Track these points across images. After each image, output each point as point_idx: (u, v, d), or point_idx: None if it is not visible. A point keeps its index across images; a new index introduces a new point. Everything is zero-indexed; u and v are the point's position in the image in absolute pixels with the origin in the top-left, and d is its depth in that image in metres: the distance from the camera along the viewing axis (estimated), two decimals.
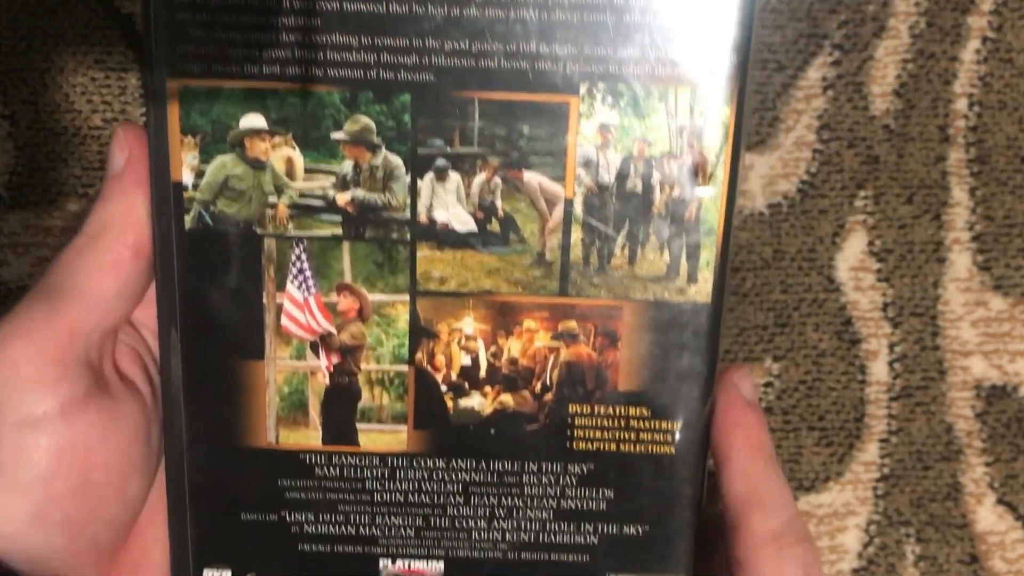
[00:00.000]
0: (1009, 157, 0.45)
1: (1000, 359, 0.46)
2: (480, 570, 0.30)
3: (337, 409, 0.29)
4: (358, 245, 0.27)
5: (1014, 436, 0.46)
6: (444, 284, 0.28)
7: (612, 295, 0.28)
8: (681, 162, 0.27)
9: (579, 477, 0.29)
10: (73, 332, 0.26)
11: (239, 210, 0.27)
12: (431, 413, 0.29)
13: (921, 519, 0.46)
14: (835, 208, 0.45)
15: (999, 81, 0.45)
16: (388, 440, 0.29)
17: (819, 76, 0.44)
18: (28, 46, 0.43)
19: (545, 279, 0.28)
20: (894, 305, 0.46)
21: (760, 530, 0.26)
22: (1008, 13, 0.44)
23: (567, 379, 0.28)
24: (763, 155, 0.45)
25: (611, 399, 0.28)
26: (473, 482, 0.29)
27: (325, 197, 0.27)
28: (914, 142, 0.45)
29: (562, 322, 0.28)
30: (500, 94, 0.26)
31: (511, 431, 0.29)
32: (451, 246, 0.28)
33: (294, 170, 0.27)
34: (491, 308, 0.28)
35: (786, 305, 0.45)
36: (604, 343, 0.28)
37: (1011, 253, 0.45)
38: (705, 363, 0.28)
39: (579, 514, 0.29)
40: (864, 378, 0.46)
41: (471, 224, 0.27)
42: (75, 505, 0.26)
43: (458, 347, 0.28)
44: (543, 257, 0.28)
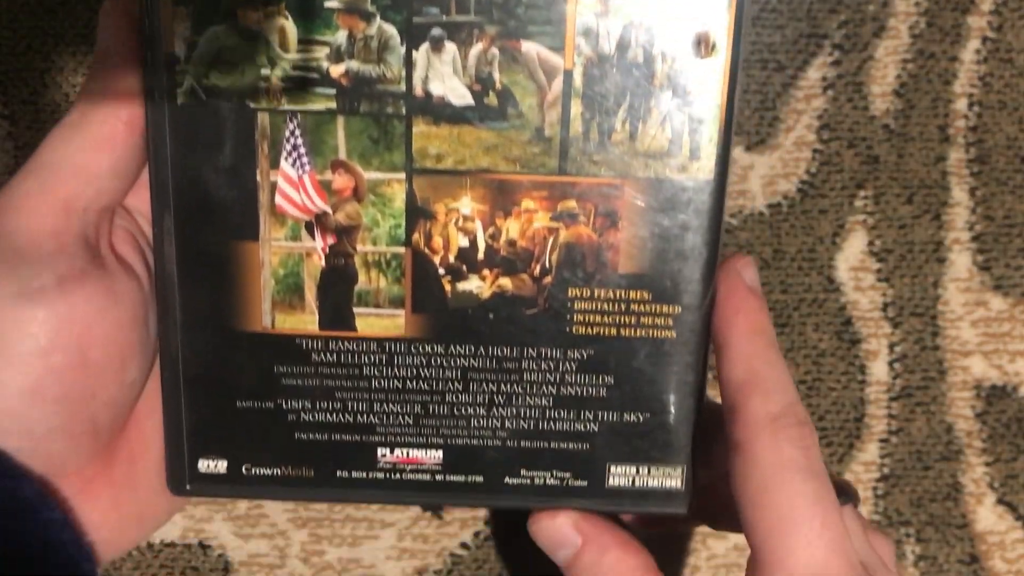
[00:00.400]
0: (1009, 157, 0.45)
1: (1000, 359, 0.46)
2: (479, 459, 0.29)
3: (333, 292, 0.28)
4: (353, 120, 0.27)
5: (1014, 436, 0.46)
6: (441, 161, 0.27)
7: (613, 173, 0.27)
8: (684, 32, 0.26)
9: (579, 363, 0.29)
10: (68, 207, 0.25)
11: (232, 83, 0.26)
12: (429, 297, 0.28)
13: (921, 519, 0.46)
14: (835, 208, 0.45)
15: (999, 81, 0.45)
16: (386, 324, 0.28)
17: (819, 76, 0.44)
18: (28, 46, 0.43)
19: (544, 156, 0.27)
20: (894, 305, 0.46)
21: (759, 412, 0.26)
22: (1008, 13, 0.44)
23: (567, 261, 0.28)
24: (763, 155, 0.45)
25: (611, 282, 0.28)
26: (472, 368, 0.29)
27: (319, 69, 0.27)
28: (914, 142, 0.45)
29: (561, 202, 0.27)
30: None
31: (510, 315, 0.28)
32: (447, 121, 0.27)
33: (287, 41, 0.26)
34: (489, 187, 0.27)
35: (786, 305, 0.45)
36: (604, 224, 0.27)
37: (1011, 253, 0.45)
38: (707, 244, 0.27)
39: (579, 401, 0.29)
40: (864, 378, 0.46)
41: (468, 97, 0.27)
42: (73, 381, 0.26)
43: (455, 228, 0.28)
44: (542, 132, 0.27)
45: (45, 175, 0.26)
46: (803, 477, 0.25)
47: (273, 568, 0.45)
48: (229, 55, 0.27)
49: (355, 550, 0.45)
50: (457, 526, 0.45)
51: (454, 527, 0.45)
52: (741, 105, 0.44)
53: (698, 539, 0.46)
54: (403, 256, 0.28)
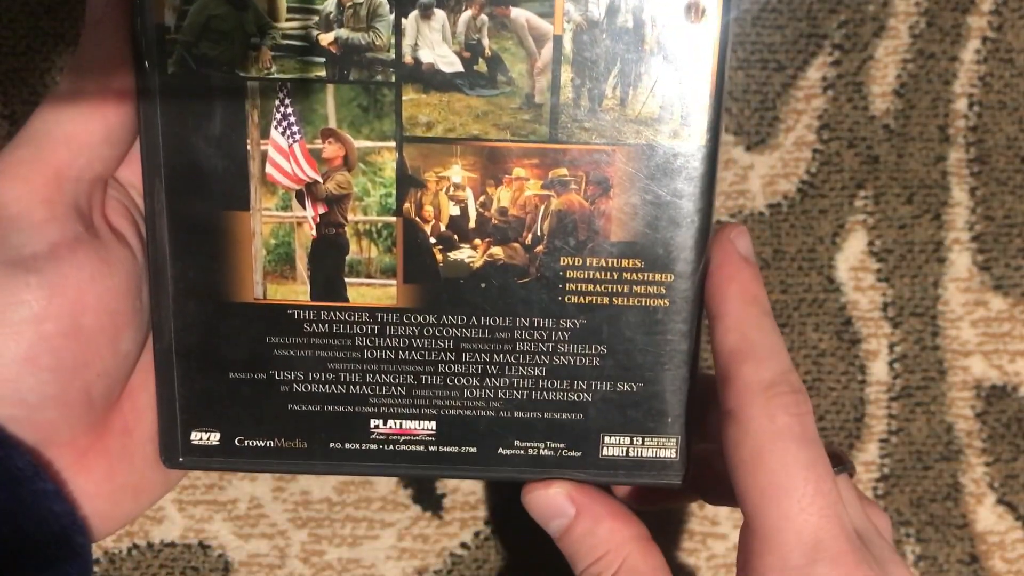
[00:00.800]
0: (1009, 157, 0.45)
1: (1000, 359, 0.46)
2: (472, 429, 0.29)
3: (325, 262, 0.28)
4: (342, 88, 0.27)
5: (1014, 436, 0.46)
6: (431, 130, 0.27)
7: (603, 140, 0.27)
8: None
9: (571, 332, 0.28)
10: (60, 175, 0.25)
11: (222, 53, 0.26)
12: (420, 266, 0.28)
13: (921, 519, 0.46)
14: (835, 208, 0.45)
15: (999, 81, 0.45)
16: (378, 295, 0.28)
17: (819, 76, 0.44)
18: (28, 46, 0.43)
19: (534, 123, 0.27)
20: (894, 305, 0.46)
21: (752, 379, 0.25)
22: (1008, 13, 0.44)
23: (558, 230, 0.28)
24: (763, 155, 0.45)
25: (603, 250, 0.28)
26: (464, 338, 0.28)
27: (308, 37, 0.26)
28: (914, 142, 0.45)
29: (553, 170, 0.27)
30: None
31: (502, 285, 0.28)
32: (437, 88, 0.27)
33: (277, 9, 0.26)
34: (479, 155, 0.27)
35: (786, 305, 0.45)
36: (596, 191, 0.27)
37: (1011, 253, 0.45)
38: (699, 211, 0.27)
39: (572, 370, 0.29)
40: (864, 378, 0.46)
41: (457, 64, 0.27)
42: (67, 349, 0.25)
43: (446, 197, 0.27)
44: (532, 99, 0.27)
45: (37, 144, 0.26)
46: (797, 444, 0.25)
47: (273, 568, 0.45)
48: (218, 24, 0.26)
49: (355, 550, 0.45)
50: (457, 526, 0.45)
51: (454, 527, 0.45)
52: (741, 105, 0.44)
53: (698, 539, 0.46)
54: (394, 225, 0.28)
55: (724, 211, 0.45)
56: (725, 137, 0.44)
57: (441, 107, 0.27)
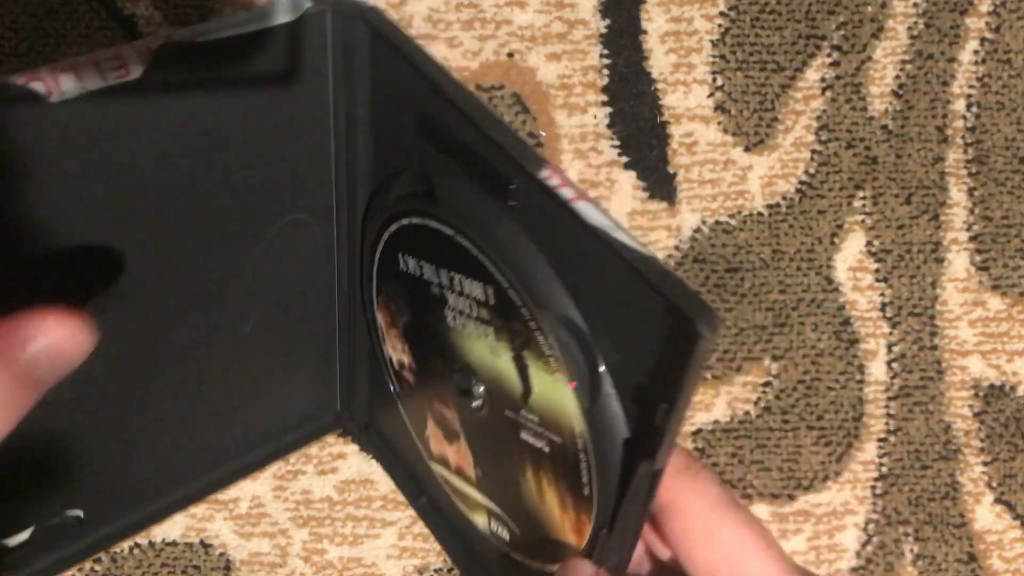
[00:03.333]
0: (1007, 158, 0.45)
1: (998, 359, 0.46)
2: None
3: None
4: None
5: (1012, 435, 0.46)
6: None
7: None
8: None
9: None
10: None
11: None
12: None
13: (919, 518, 0.46)
14: (834, 208, 0.45)
15: (997, 82, 0.45)
16: None
17: (817, 77, 0.45)
18: (30, 47, 0.43)
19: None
20: (892, 305, 0.46)
21: (671, 469, 0.26)
22: (1006, 14, 0.45)
23: None
24: (762, 156, 0.45)
25: None
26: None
27: None
28: (912, 143, 0.45)
29: None
30: None
31: None
32: None
33: None
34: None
35: (785, 305, 0.45)
36: None
37: (1009, 253, 0.46)
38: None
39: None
40: (862, 378, 0.46)
41: None
42: None
43: None
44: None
45: None
46: (734, 510, 0.26)
47: (274, 567, 0.45)
48: None
49: (356, 549, 0.45)
50: None
51: None
52: (740, 106, 0.44)
53: None
54: None
55: (724, 212, 0.45)
56: (724, 138, 0.45)
57: None
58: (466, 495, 0.33)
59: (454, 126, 0.25)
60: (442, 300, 0.28)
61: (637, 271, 0.21)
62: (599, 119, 0.44)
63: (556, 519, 0.27)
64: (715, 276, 0.45)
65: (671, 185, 0.44)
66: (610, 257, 0.21)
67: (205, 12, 0.42)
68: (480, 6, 0.43)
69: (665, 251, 0.45)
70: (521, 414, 0.27)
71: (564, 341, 0.24)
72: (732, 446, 0.46)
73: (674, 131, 0.44)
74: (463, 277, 0.27)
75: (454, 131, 0.25)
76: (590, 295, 0.24)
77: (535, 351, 0.25)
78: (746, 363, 0.45)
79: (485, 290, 0.26)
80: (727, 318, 0.45)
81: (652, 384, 0.22)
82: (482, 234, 0.26)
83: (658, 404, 0.22)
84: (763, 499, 0.46)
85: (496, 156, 0.24)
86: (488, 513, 0.32)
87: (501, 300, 0.26)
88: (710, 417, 0.45)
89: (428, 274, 0.28)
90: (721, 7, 0.44)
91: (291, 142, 0.29)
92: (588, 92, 0.44)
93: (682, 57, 0.44)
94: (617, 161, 0.44)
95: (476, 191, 0.25)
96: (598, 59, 0.44)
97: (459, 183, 0.26)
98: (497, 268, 0.25)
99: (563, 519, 0.27)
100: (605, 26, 0.44)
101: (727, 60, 0.44)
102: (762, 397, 0.45)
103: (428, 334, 0.30)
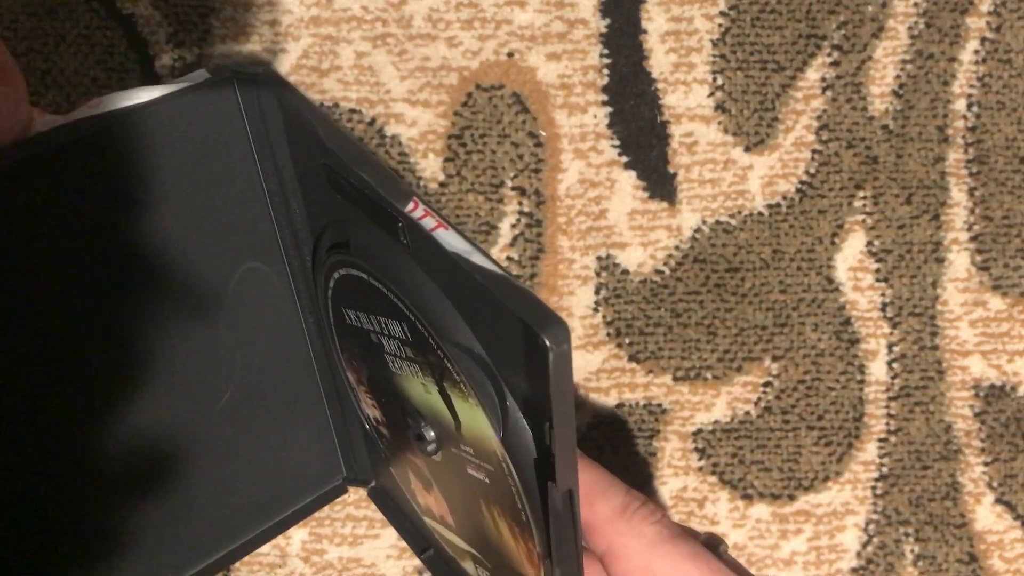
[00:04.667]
0: (1008, 157, 0.45)
1: (999, 359, 0.46)
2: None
3: None
4: None
5: (1012, 436, 0.46)
6: None
7: None
8: None
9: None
10: None
11: None
12: None
13: (920, 518, 0.46)
14: (834, 208, 0.45)
15: (998, 82, 0.45)
16: None
17: (818, 77, 0.44)
18: (29, 47, 0.43)
19: None
20: (893, 305, 0.46)
21: (605, 513, 0.27)
22: (1007, 14, 0.44)
23: None
24: (762, 155, 0.45)
25: None
26: None
27: None
28: (913, 142, 0.45)
29: None
30: None
31: None
32: None
33: None
34: None
35: (785, 305, 0.45)
36: None
37: (1010, 253, 0.46)
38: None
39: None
40: (863, 378, 0.46)
41: None
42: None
43: None
44: None
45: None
46: (673, 544, 0.26)
47: (274, 567, 0.45)
48: None
49: (356, 549, 0.45)
50: None
51: None
52: (740, 106, 0.44)
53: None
54: None
55: (724, 212, 0.45)
56: (725, 138, 0.45)
57: None
58: (453, 543, 0.33)
59: (347, 173, 0.26)
60: (380, 347, 0.29)
61: (490, 290, 0.21)
62: (599, 119, 0.44)
63: (514, 552, 0.28)
64: (715, 276, 0.45)
65: (671, 185, 0.44)
66: (471, 280, 0.22)
67: (205, 12, 0.42)
68: (480, 6, 0.43)
69: (665, 251, 0.45)
70: (461, 448, 0.27)
71: (468, 368, 0.25)
72: (732, 446, 0.46)
73: (674, 131, 0.44)
74: (386, 319, 0.27)
75: (350, 179, 0.26)
76: (481, 321, 0.24)
77: (450, 381, 0.26)
78: (746, 363, 0.45)
79: (402, 328, 0.27)
80: (727, 318, 0.45)
81: (537, 402, 0.23)
82: (388, 274, 0.26)
83: (544, 424, 0.22)
84: (763, 499, 0.46)
85: (379, 197, 0.24)
86: (472, 558, 0.32)
87: (415, 335, 0.26)
88: (710, 417, 0.45)
89: (364, 322, 0.29)
90: (721, 7, 0.44)
91: (227, 205, 0.29)
92: (588, 92, 0.44)
93: (682, 57, 0.44)
94: (617, 161, 0.44)
95: (378, 234, 0.26)
96: (598, 59, 0.44)
97: (364, 229, 0.27)
98: (403, 304, 0.26)
99: (519, 551, 0.27)
100: (605, 26, 0.43)
101: (727, 60, 0.44)
102: (762, 397, 0.45)
103: (383, 385, 0.31)
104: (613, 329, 0.45)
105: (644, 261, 0.45)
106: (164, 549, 0.32)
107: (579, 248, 0.44)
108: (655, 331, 0.45)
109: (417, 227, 0.24)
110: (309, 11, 0.42)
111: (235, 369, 0.32)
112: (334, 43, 0.42)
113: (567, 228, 0.44)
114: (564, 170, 0.44)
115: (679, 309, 0.45)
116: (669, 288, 0.45)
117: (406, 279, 0.26)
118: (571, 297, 0.45)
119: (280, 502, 0.36)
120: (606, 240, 0.44)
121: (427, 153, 0.43)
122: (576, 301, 0.45)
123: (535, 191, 0.44)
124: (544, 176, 0.44)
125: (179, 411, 0.31)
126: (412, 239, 0.25)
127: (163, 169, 0.27)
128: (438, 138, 0.43)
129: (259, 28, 0.42)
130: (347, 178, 0.26)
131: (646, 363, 0.45)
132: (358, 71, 0.43)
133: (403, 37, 0.43)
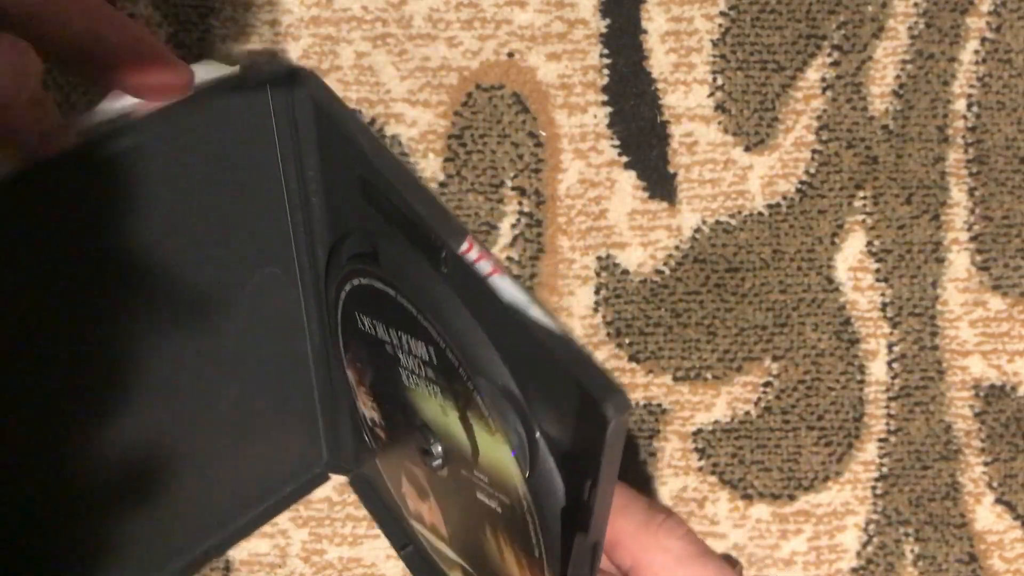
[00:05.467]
0: (1008, 157, 0.45)
1: (999, 359, 0.46)
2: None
3: None
4: None
5: (1012, 436, 0.46)
6: None
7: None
8: None
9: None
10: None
11: None
12: None
13: (920, 518, 0.46)
14: (834, 208, 0.45)
15: (998, 82, 0.45)
16: None
17: (818, 77, 0.44)
18: None
19: None
20: (893, 305, 0.46)
21: (629, 527, 0.27)
22: (1007, 14, 0.44)
23: None
24: (762, 155, 0.45)
25: None
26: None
27: None
28: (913, 142, 0.45)
29: None
30: None
31: None
32: None
33: None
34: None
35: (785, 305, 0.45)
36: None
37: (1010, 253, 0.46)
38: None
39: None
40: (863, 378, 0.46)
41: None
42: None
43: None
44: None
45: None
46: (701, 561, 0.26)
47: (274, 567, 0.45)
48: None
49: (356, 549, 0.45)
50: None
51: None
52: (740, 106, 0.44)
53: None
54: None
55: (724, 212, 0.45)
56: (725, 138, 0.45)
57: None
58: (442, 552, 0.33)
59: (390, 194, 0.25)
60: (396, 359, 0.28)
61: (548, 349, 0.21)
62: (599, 119, 0.44)
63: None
64: (715, 276, 0.45)
65: (671, 185, 0.44)
66: (523, 332, 0.22)
67: (204, 12, 0.42)
68: (480, 6, 0.43)
69: (665, 251, 0.45)
70: (475, 474, 0.27)
71: (500, 407, 0.24)
72: (732, 446, 0.46)
73: (674, 131, 0.44)
74: (409, 337, 0.27)
75: (390, 198, 0.25)
76: (521, 364, 0.24)
77: (476, 412, 0.25)
78: (746, 363, 0.45)
79: (428, 350, 0.26)
80: (727, 318, 0.45)
81: (579, 458, 0.22)
82: (420, 296, 0.26)
83: (584, 480, 0.22)
84: (763, 499, 0.46)
85: (425, 225, 0.24)
86: (462, 571, 0.32)
87: (442, 361, 0.26)
88: (710, 417, 0.45)
89: (381, 333, 0.29)
90: (721, 7, 0.44)
91: (248, 205, 0.29)
92: (588, 92, 0.44)
93: (682, 57, 0.44)
94: (617, 161, 0.44)
95: (413, 255, 0.25)
96: (598, 59, 0.44)
97: (398, 246, 0.26)
98: (435, 330, 0.25)
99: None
100: (605, 26, 0.43)
101: (727, 60, 0.44)
102: (762, 397, 0.45)
103: (390, 393, 0.30)
104: (613, 329, 0.45)
105: (644, 261, 0.45)
106: (150, 545, 0.32)
107: (579, 248, 0.44)
108: (655, 331, 0.45)
109: (462, 262, 0.23)
110: (309, 11, 0.42)
111: (238, 368, 0.32)
112: (334, 43, 0.43)
113: (567, 228, 0.44)
114: (564, 170, 0.44)
115: (679, 309, 0.45)
116: (669, 288, 0.45)
117: (442, 307, 0.25)
118: (571, 297, 0.45)
119: (264, 491, 0.36)
120: (606, 240, 0.44)
121: (427, 153, 0.43)
122: (576, 301, 0.45)
123: (535, 191, 0.44)
124: (544, 176, 0.44)
125: (179, 411, 0.31)
126: (453, 270, 0.24)
127: (184, 172, 0.27)
128: (438, 138, 0.43)
129: (259, 28, 0.42)
130: (389, 197, 0.25)
131: (646, 363, 0.45)
132: (358, 71, 0.43)
133: (403, 37, 0.43)
